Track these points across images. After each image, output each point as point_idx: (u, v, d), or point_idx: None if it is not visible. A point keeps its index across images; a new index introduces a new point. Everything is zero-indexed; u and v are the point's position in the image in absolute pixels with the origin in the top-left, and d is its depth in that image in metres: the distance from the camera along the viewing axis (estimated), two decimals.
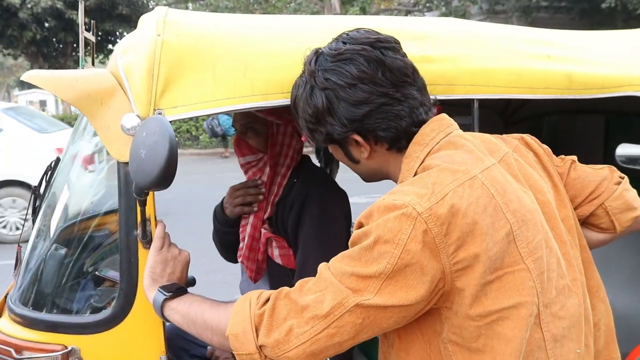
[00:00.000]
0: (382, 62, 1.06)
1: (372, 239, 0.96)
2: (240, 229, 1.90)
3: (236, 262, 2.06)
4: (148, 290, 1.23)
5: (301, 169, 1.84)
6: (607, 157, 3.04)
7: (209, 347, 1.90)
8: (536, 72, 1.50)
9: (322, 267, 1.04)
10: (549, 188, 1.20)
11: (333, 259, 1.03)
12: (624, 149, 3.25)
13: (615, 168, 1.34)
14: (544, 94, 1.51)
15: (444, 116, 1.15)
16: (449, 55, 1.44)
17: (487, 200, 1.00)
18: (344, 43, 1.09)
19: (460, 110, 1.56)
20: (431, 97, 1.18)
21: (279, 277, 1.81)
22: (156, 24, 1.25)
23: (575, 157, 1.34)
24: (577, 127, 3.03)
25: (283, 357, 0.99)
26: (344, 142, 1.13)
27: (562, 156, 1.34)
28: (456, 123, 1.16)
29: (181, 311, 1.16)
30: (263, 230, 1.81)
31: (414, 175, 1.07)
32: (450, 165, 1.03)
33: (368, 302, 0.95)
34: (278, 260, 1.80)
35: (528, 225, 1.03)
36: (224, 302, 1.14)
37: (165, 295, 1.18)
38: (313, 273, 0.97)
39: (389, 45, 1.09)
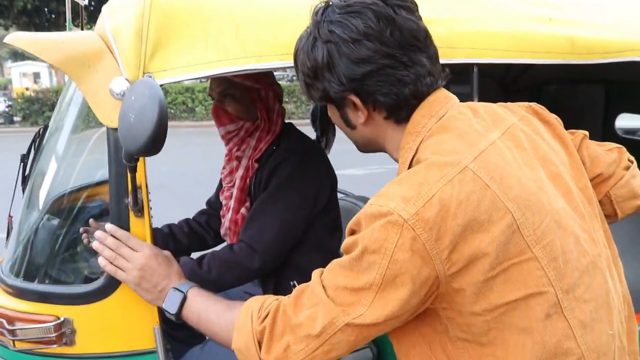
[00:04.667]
0: (392, 20, 0.98)
1: (360, 250, 0.92)
2: (221, 211, 1.88)
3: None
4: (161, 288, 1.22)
5: (282, 136, 1.80)
6: (607, 127, 3.01)
7: None
8: (538, 35, 1.46)
9: (315, 277, 1.00)
10: (564, 157, 1.13)
11: (328, 267, 0.99)
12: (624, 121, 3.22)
13: (624, 149, 1.29)
14: (546, 59, 1.47)
15: (436, 96, 1.06)
16: (446, 18, 1.40)
17: (481, 193, 0.93)
18: None
19: (459, 79, 1.52)
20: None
21: None
22: None
23: (586, 133, 1.28)
24: (577, 96, 2.99)
25: None
26: (341, 103, 1.07)
27: (572, 130, 1.27)
28: (455, 96, 1.09)
29: (192, 321, 1.17)
30: (242, 211, 1.80)
31: (409, 167, 1.01)
32: (438, 158, 0.96)
33: (359, 320, 0.92)
34: None
35: (533, 210, 0.95)
36: (229, 308, 1.13)
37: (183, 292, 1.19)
38: (257, 225, 0.93)
39: (404, 3, 1.01)
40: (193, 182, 7.80)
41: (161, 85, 1.11)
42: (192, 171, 8.78)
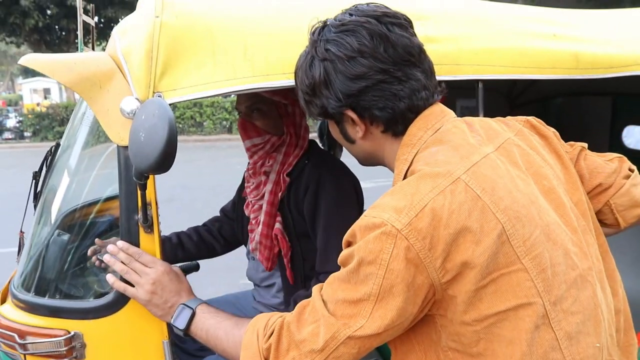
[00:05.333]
0: (386, 37, 1.01)
1: (356, 261, 0.94)
2: (249, 224, 1.89)
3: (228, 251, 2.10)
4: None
5: (311, 152, 1.82)
6: (614, 140, 3.01)
7: None
8: (543, 51, 1.47)
9: (315, 293, 1.02)
10: (559, 171, 1.15)
11: (327, 281, 1.01)
12: (631, 132, 3.21)
13: (625, 158, 1.30)
14: (551, 74, 1.48)
15: (432, 110, 1.08)
16: (452, 35, 1.42)
17: (472, 203, 0.94)
18: (350, 15, 1.05)
19: (466, 93, 1.53)
20: (438, 78, 1.13)
21: (285, 268, 1.81)
22: (155, 5, 1.22)
23: (585, 145, 1.29)
24: (583, 109, 2.99)
25: None
26: (339, 119, 1.10)
27: (572, 142, 1.29)
28: (451, 111, 1.11)
29: (201, 337, 1.20)
30: (276, 226, 1.79)
31: (404, 178, 1.03)
32: (432, 169, 0.98)
33: (360, 333, 0.94)
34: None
35: (523, 222, 0.97)
36: (236, 325, 1.16)
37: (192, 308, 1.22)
38: (335, 255, 0.95)
39: (397, 21, 1.04)
40: (201, 195, 7.83)
41: (170, 104, 1.13)
42: (201, 184, 8.83)
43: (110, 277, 1.27)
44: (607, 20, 1.75)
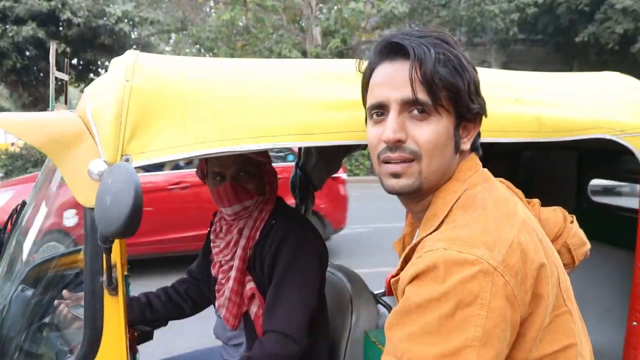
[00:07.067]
0: None
1: (452, 305, 0.86)
2: (217, 284, 1.87)
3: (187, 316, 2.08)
4: None
5: (278, 209, 1.83)
6: (580, 192, 3.08)
7: None
8: (507, 115, 1.52)
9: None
10: None
11: (403, 345, 0.89)
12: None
13: (563, 209, 1.39)
14: (515, 137, 1.53)
15: (474, 156, 1.15)
16: None
17: (538, 244, 0.99)
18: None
19: None
20: None
21: (254, 328, 1.79)
22: (125, 68, 1.24)
23: (537, 200, 1.37)
24: (551, 162, 3.08)
25: None
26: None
27: (528, 199, 1.36)
28: None
29: None
30: (249, 285, 1.78)
31: (450, 210, 1.03)
32: (500, 207, 1.01)
33: None
34: (253, 316, 1.78)
35: (561, 269, 1.05)
36: None
37: None
38: (283, 310, 0.90)
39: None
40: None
41: (137, 168, 1.14)
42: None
43: None
44: (567, 84, 1.82)
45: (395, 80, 1.04)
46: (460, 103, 1.05)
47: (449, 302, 0.87)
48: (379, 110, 1.07)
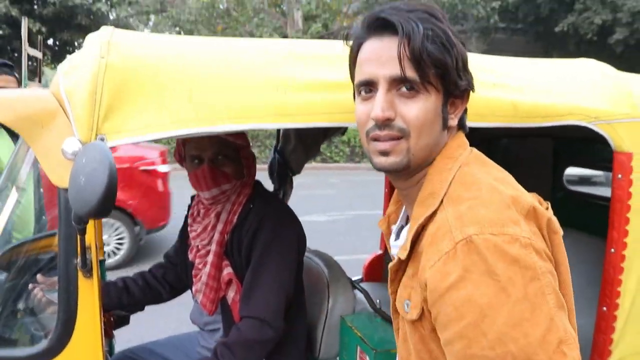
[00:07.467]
0: None
1: (520, 288, 0.88)
2: (194, 269, 1.86)
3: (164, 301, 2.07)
4: None
5: (256, 193, 1.82)
6: (556, 181, 3.13)
7: None
8: (483, 100, 1.53)
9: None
10: None
11: (498, 346, 0.88)
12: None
13: (538, 196, 1.40)
14: (492, 122, 1.54)
15: (461, 134, 1.16)
16: None
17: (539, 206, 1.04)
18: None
19: None
20: None
21: (231, 314, 1.79)
22: (100, 45, 1.22)
23: None
24: (527, 150, 3.11)
25: None
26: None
27: None
28: None
29: None
30: (226, 270, 1.78)
31: (448, 186, 1.04)
32: (507, 179, 1.06)
33: (573, 349, 0.89)
34: (230, 302, 1.77)
35: None
36: None
37: None
38: (260, 295, 0.89)
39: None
40: None
41: (112, 147, 1.12)
42: None
43: None
44: (544, 70, 1.84)
45: (383, 57, 1.04)
46: (449, 80, 1.06)
47: (516, 287, 0.88)
48: (367, 86, 1.07)
